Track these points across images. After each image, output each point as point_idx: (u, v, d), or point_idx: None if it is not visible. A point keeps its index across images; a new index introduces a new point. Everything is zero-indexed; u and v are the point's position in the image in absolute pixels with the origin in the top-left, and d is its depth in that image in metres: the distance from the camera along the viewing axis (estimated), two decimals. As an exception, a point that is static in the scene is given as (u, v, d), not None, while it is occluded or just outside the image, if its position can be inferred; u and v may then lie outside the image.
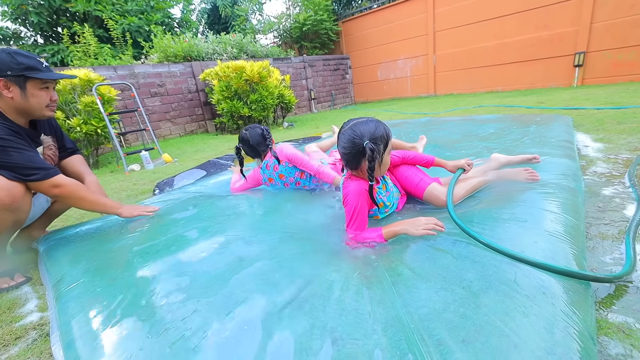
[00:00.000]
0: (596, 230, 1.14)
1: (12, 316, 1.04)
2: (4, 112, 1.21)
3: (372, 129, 1.07)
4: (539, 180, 1.32)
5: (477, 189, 1.35)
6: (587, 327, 0.66)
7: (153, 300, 0.87)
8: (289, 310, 0.77)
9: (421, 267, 0.87)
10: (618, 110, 3.05)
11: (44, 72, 1.21)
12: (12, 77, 1.15)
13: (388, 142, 1.11)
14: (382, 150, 1.08)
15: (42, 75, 1.20)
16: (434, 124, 3.24)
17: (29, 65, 1.17)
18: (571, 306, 0.69)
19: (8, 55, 1.14)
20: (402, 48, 7.86)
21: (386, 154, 1.12)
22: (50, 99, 1.28)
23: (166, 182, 2.45)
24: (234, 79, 4.91)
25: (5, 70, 1.13)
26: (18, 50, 1.18)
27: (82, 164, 1.56)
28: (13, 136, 1.18)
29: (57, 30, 6.21)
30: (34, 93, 1.21)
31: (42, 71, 1.21)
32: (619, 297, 0.83)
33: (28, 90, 1.19)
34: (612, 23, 5.06)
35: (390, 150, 1.14)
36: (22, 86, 1.18)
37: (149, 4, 6.80)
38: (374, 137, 1.06)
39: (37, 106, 1.24)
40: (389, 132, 1.11)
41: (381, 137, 1.07)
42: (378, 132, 1.07)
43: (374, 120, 1.11)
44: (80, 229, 1.54)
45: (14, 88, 1.17)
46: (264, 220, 1.40)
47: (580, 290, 0.76)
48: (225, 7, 10.16)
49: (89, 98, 3.43)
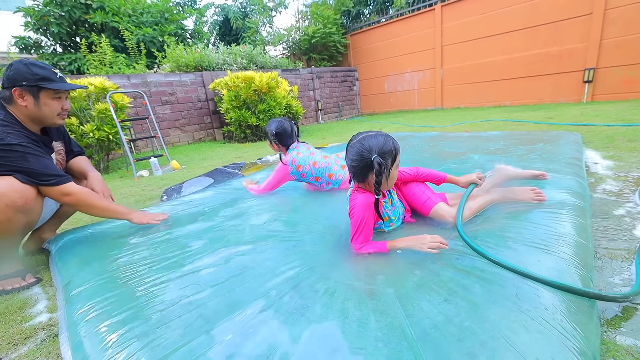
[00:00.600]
0: (605, 250, 1.13)
1: (23, 316, 1.06)
2: (20, 120, 1.26)
3: (380, 143, 1.08)
4: (546, 200, 1.31)
5: (483, 209, 1.34)
6: (590, 346, 0.65)
7: (160, 304, 0.89)
8: (293, 318, 0.77)
9: (425, 279, 0.87)
10: (629, 128, 3.02)
11: (57, 83, 1.27)
12: (26, 87, 1.21)
13: (396, 156, 1.12)
14: (389, 165, 1.09)
15: (54, 86, 1.25)
16: (440, 139, 3.25)
17: (43, 75, 1.23)
18: (574, 324, 0.69)
19: (24, 66, 1.20)
20: (409, 61, 7.95)
21: (394, 169, 1.13)
22: (62, 107, 1.33)
23: (174, 189, 2.49)
24: (243, 89, 5.01)
25: (21, 80, 1.20)
26: (34, 62, 1.24)
27: (86, 163, 1.61)
28: (32, 143, 1.24)
29: (75, 40, 6.44)
30: (47, 102, 1.27)
31: (56, 81, 1.27)
32: (628, 319, 0.81)
33: (41, 99, 1.25)
34: (623, 40, 5.07)
35: (397, 164, 1.15)
36: (36, 95, 1.24)
37: (163, 16, 7.04)
38: (382, 152, 1.06)
39: (49, 114, 1.29)
40: (397, 147, 1.12)
41: (389, 152, 1.08)
42: (387, 146, 1.08)
43: (383, 134, 1.12)
44: (92, 230, 1.57)
45: (28, 97, 1.23)
46: (271, 229, 1.41)
47: (585, 309, 0.75)
48: (237, 20, 10.44)
49: (103, 105, 3.53)
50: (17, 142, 1.19)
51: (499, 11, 6.24)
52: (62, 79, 1.30)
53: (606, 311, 0.85)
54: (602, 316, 0.83)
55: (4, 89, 1.22)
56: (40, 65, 1.24)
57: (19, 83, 1.20)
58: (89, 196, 1.36)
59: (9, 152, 1.17)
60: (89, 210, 1.39)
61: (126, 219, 1.50)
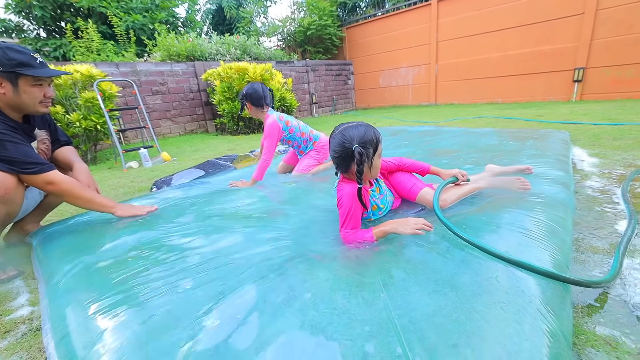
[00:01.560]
0: (588, 244, 1.16)
1: (2, 309, 1.03)
2: (3, 105, 1.21)
3: (361, 133, 1.09)
4: (530, 189, 1.35)
5: (469, 194, 1.38)
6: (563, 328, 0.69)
7: (146, 295, 0.87)
8: (281, 309, 0.77)
9: (413, 269, 0.88)
10: (614, 127, 3.09)
11: (37, 69, 1.20)
12: (3, 73, 1.15)
13: (378, 145, 1.13)
14: (371, 154, 1.11)
15: (34, 72, 1.18)
16: (432, 134, 3.27)
17: (21, 61, 1.16)
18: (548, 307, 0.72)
19: (0, 51, 1.14)
20: (404, 56, 7.94)
21: (376, 158, 1.14)
22: (44, 95, 1.26)
23: (164, 181, 2.45)
24: (236, 80, 4.93)
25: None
26: (10, 45, 1.18)
27: (72, 154, 1.55)
28: (10, 130, 1.18)
29: (60, 25, 6.22)
30: (26, 90, 1.20)
31: (35, 67, 1.20)
32: (606, 310, 0.85)
33: (20, 86, 1.19)
34: (612, 40, 5.15)
35: (380, 153, 1.16)
36: (14, 83, 1.17)
37: (154, 3, 6.84)
38: (363, 141, 1.08)
39: (29, 102, 1.23)
40: (378, 136, 1.13)
41: (370, 141, 1.09)
42: (367, 136, 1.09)
43: (364, 124, 1.13)
44: (74, 221, 1.53)
45: (6, 84, 1.17)
46: (259, 221, 1.40)
47: (559, 294, 0.79)
48: (231, 9, 10.23)
49: (90, 94, 3.44)
50: None
51: (494, 8, 6.25)
52: (42, 65, 1.23)
53: (585, 302, 0.88)
54: (581, 307, 0.87)
55: None
56: (17, 50, 1.17)
57: None
58: (73, 186, 1.32)
59: None
60: (72, 200, 1.34)
61: (110, 212, 1.44)
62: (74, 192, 1.32)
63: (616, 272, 0.92)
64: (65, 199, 1.34)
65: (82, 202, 1.36)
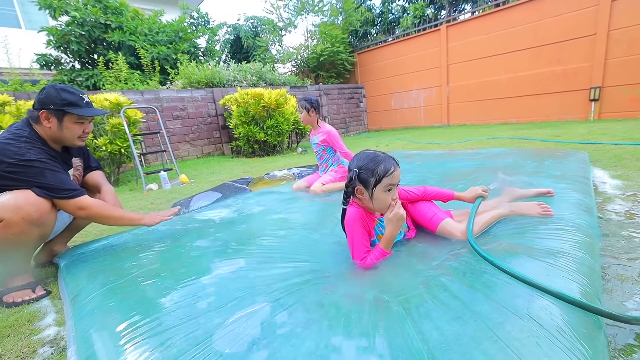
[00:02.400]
0: (614, 272, 1.11)
1: (31, 329, 1.07)
2: (43, 138, 1.34)
3: (367, 160, 1.13)
4: (553, 215, 1.31)
5: (492, 224, 1.34)
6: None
7: (166, 319, 0.90)
8: (299, 330, 0.78)
9: (434, 294, 0.87)
10: (637, 147, 3.00)
11: (82, 108, 1.35)
12: (53, 111, 1.29)
13: (381, 179, 1.10)
14: (371, 184, 1.11)
15: (78, 111, 1.33)
16: (447, 156, 3.26)
17: (70, 101, 1.31)
18: (583, 343, 0.68)
19: (55, 91, 1.29)
20: (415, 79, 8.08)
21: (378, 190, 1.12)
22: (83, 131, 1.40)
23: (182, 203, 2.53)
24: (252, 105, 5.13)
25: (49, 104, 1.28)
26: (65, 87, 1.32)
27: (101, 177, 1.68)
28: (50, 159, 1.30)
29: (93, 57, 6.73)
30: (69, 126, 1.34)
31: (81, 107, 1.34)
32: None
33: (64, 123, 1.33)
34: (628, 59, 5.10)
35: (386, 188, 1.12)
36: (60, 119, 1.31)
37: (177, 35, 7.33)
38: (364, 168, 1.11)
39: (69, 137, 1.37)
40: (387, 170, 1.10)
41: (372, 171, 1.10)
42: (371, 164, 1.11)
43: (380, 155, 1.14)
44: (100, 244, 1.60)
45: (53, 120, 1.31)
46: (278, 240, 1.42)
47: (594, 331, 0.74)
48: (248, 38, 10.81)
49: (117, 120, 3.65)
50: (36, 158, 1.25)
51: (503, 32, 6.36)
52: (88, 105, 1.38)
53: (617, 336, 0.83)
54: (614, 342, 0.81)
55: (34, 110, 1.31)
56: (70, 91, 1.32)
57: (47, 106, 1.28)
58: (103, 208, 1.42)
59: (29, 168, 1.22)
60: (104, 220, 1.44)
61: (140, 224, 1.55)
62: (104, 214, 1.41)
63: None
64: (97, 219, 1.43)
65: (113, 220, 1.46)
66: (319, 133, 2.45)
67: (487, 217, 1.32)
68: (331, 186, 2.28)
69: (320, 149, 2.49)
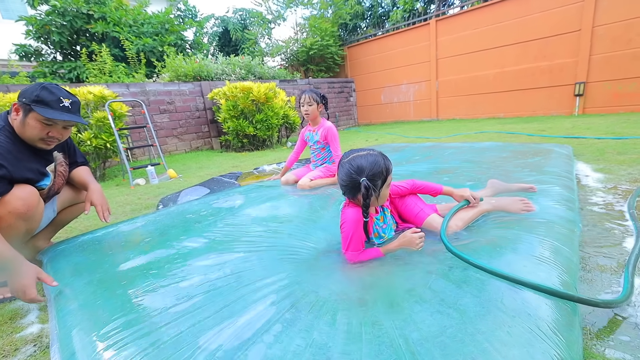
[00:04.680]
0: (594, 263, 1.15)
1: (13, 327, 1.05)
2: (16, 130, 1.26)
3: (370, 164, 1.08)
4: (535, 210, 1.34)
5: (474, 220, 1.37)
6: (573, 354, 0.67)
7: (153, 315, 0.88)
8: (283, 328, 0.78)
9: (416, 289, 0.88)
10: (619, 141, 3.09)
11: (51, 110, 1.23)
12: (22, 104, 1.22)
13: (387, 177, 1.12)
14: (379, 186, 1.10)
15: (42, 112, 1.21)
16: (435, 149, 3.30)
17: (43, 99, 1.21)
18: (556, 331, 0.71)
19: (37, 87, 1.22)
20: (405, 73, 8.10)
21: (384, 188, 1.14)
22: (47, 134, 1.28)
23: (170, 198, 2.49)
24: (241, 99, 5.06)
25: (22, 97, 1.22)
26: (52, 87, 1.24)
27: (87, 174, 1.59)
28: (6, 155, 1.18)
29: (75, 49, 6.50)
30: (31, 123, 1.23)
31: (52, 109, 1.23)
32: (618, 333, 0.83)
33: (27, 119, 1.23)
34: (611, 55, 5.23)
35: (389, 183, 1.16)
36: (25, 114, 1.23)
37: (163, 27, 7.14)
38: (372, 174, 1.07)
39: (30, 135, 1.26)
40: (388, 167, 1.13)
41: (379, 173, 1.09)
42: (376, 168, 1.09)
43: (375, 153, 1.13)
44: (84, 239, 1.56)
45: (20, 113, 1.23)
46: (265, 239, 1.42)
47: (568, 317, 0.77)
48: (236, 31, 10.62)
49: (101, 113, 3.55)
50: None
51: (491, 26, 6.42)
52: (64, 109, 1.26)
53: (594, 323, 0.86)
54: (590, 328, 0.85)
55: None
56: (51, 91, 1.23)
57: (20, 99, 1.22)
58: None
59: None
60: None
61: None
62: None
63: (628, 292, 0.90)
64: None
65: None
66: (319, 129, 2.37)
67: (472, 213, 1.35)
68: (319, 182, 2.27)
69: (320, 146, 2.41)
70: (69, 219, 1.67)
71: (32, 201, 1.21)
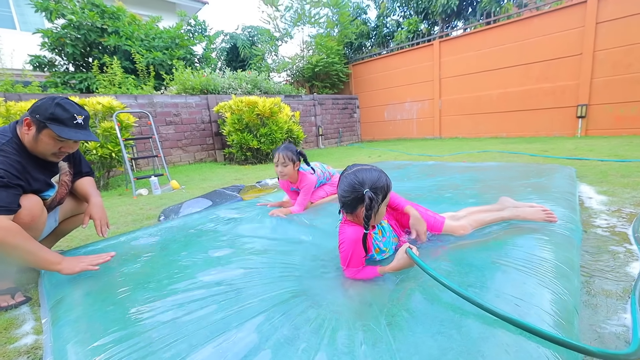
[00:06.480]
0: (599, 287, 1.12)
1: (8, 337, 1.03)
2: (25, 144, 1.27)
3: (374, 178, 1.09)
4: (557, 221, 1.34)
5: (490, 224, 1.40)
6: None
7: (149, 327, 0.87)
8: (282, 349, 0.76)
9: (417, 309, 0.87)
10: (622, 163, 3.08)
11: (66, 128, 1.25)
12: (36, 120, 1.23)
13: (387, 193, 1.12)
14: (379, 201, 1.10)
15: (58, 130, 1.24)
16: (437, 168, 3.31)
17: (58, 117, 1.23)
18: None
19: (51, 103, 1.23)
20: (408, 92, 8.23)
21: (383, 205, 1.13)
22: (60, 149, 1.31)
23: (172, 209, 2.49)
24: (246, 112, 5.15)
25: (36, 113, 1.22)
26: (66, 103, 1.26)
27: (90, 186, 1.59)
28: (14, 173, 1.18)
29: (87, 61, 6.70)
30: (44, 140, 1.26)
31: (67, 127, 1.26)
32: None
33: (41, 135, 1.25)
34: (612, 79, 5.30)
35: (387, 202, 1.16)
36: (39, 130, 1.24)
37: (174, 41, 7.36)
38: (375, 187, 1.07)
39: (42, 151, 1.28)
40: (389, 184, 1.13)
41: (381, 188, 1.09)
42: (380, 182, 1.09)
43: (377, 169, 1.13)
44: (84, 251, 1.56)
45: (33, 129, 1.25)
46: (263, 255, 1.41)
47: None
48: (244, 47, 10.92)
49: (109, 124, 3.62)
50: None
51: (493, 48, 6.56)
52: (78, 126, 1.29)
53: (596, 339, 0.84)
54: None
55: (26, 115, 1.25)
56: (65, 108, 1.25)
57: (33, 114, 1.23)
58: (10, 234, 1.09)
59: None
60: (8, 250, 1.10)
61: (54, 269, 1.20)
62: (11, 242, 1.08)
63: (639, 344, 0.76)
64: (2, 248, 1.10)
65: (22, 253, 1.12)
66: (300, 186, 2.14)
67: (490, 217, 1.37)
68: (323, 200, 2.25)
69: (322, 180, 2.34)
70: (69, 229, 1.67)
71: (36, 211, 1.22)
